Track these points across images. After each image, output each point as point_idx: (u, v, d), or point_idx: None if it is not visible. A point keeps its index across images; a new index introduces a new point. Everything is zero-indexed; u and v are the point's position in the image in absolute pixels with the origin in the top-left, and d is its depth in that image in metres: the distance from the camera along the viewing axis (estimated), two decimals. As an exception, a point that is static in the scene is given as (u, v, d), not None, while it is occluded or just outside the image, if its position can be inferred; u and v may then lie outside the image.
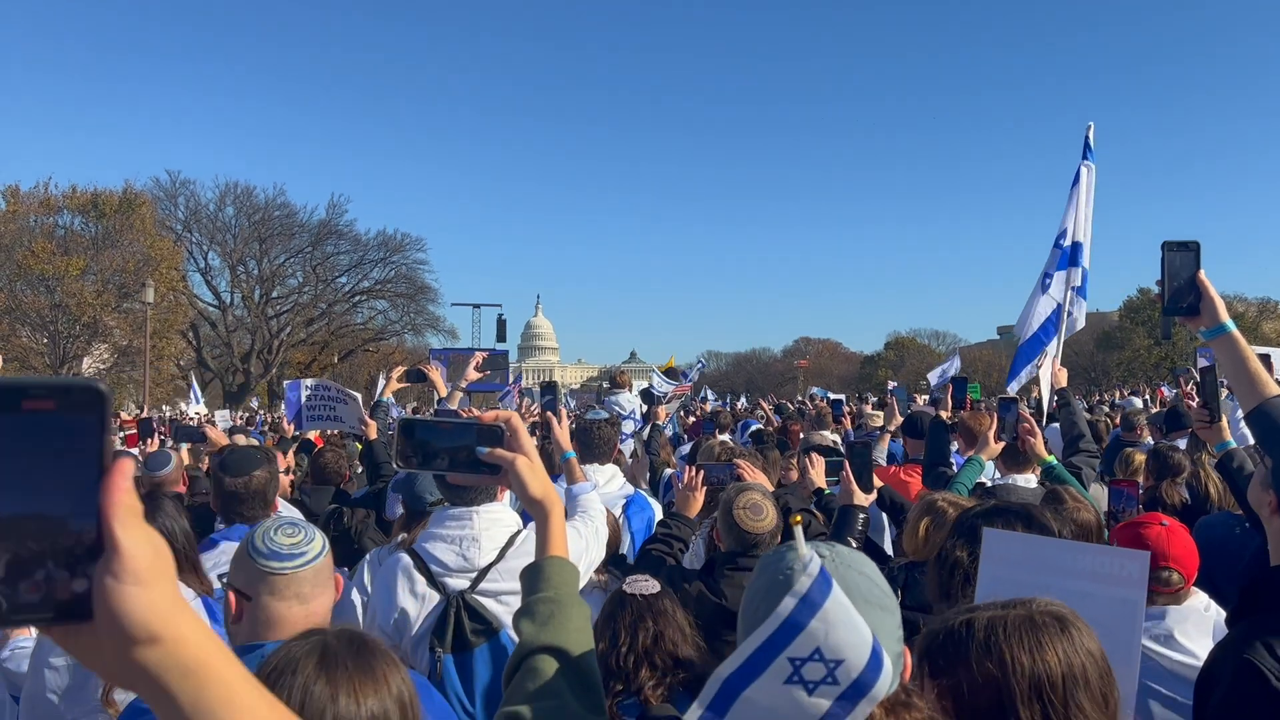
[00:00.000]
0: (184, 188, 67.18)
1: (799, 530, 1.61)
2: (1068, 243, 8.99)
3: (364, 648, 1.80)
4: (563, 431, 4.78)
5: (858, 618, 1.51)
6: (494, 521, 3.82)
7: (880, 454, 9.34)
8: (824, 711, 1.50)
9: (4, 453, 0.87)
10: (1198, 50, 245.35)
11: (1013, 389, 8.99)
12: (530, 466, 1.96)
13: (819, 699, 1.49)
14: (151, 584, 0.91)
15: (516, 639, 1.89)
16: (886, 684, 1.53)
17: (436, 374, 8.71)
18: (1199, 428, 4.72)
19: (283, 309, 70.94)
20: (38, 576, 0.87)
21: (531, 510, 2.00)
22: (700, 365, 14.68)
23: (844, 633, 1.49)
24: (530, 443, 1.99)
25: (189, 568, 3.38)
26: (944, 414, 7.49)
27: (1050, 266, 9.10)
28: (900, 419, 9.86)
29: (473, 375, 7.71)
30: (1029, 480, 5.63)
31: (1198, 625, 3.44)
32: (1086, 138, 9.21)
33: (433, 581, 3.68)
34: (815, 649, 1.47)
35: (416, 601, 3.66)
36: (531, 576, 1.95)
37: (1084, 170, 9.07)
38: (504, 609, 3.64)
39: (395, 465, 2.02)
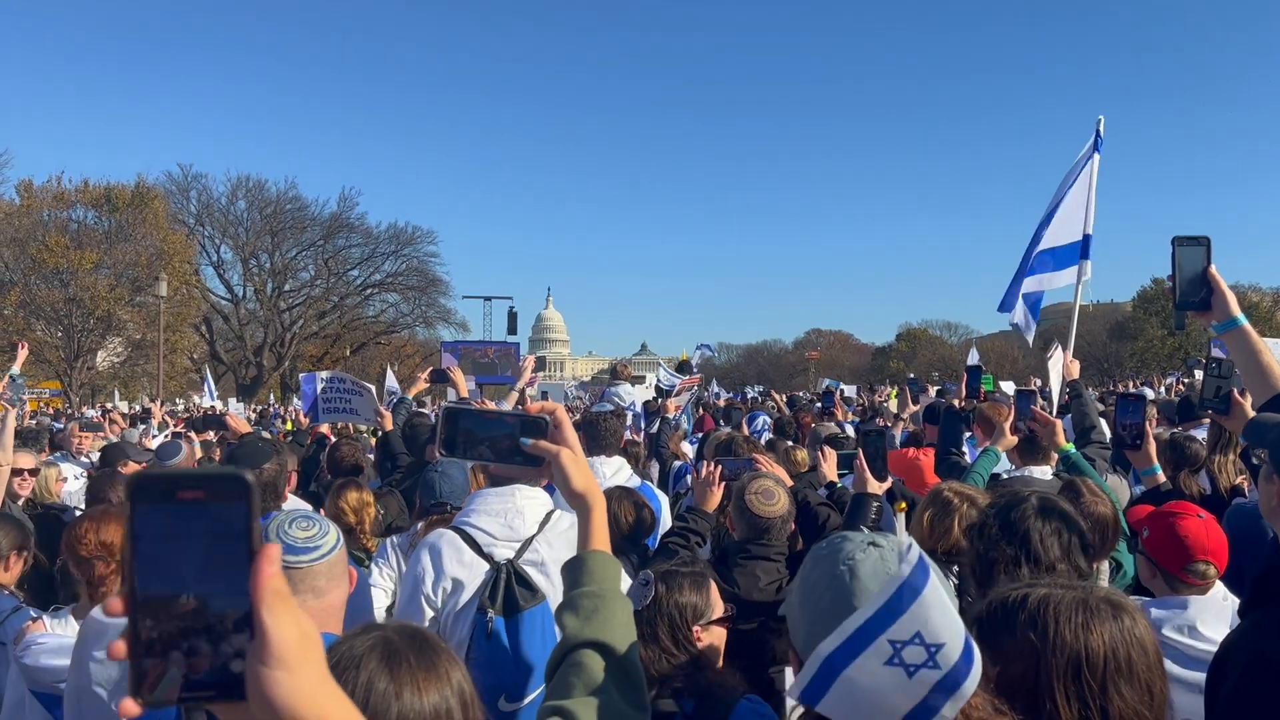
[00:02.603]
0: (196, 181, 67.45)
1: (901, 518, 1.62)
2: (1078, 236, 9.01)
3: (425, 643, 1.79)
4: None
5: (951, 606, 1.52)
6: (532, 499, 3.96)
7: (892, 443, 9.39)
8: (924, 696, 1.50)
9: (165, 539, 0.94)
10: (1211, 40, 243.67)
11: (1013, 319, 9.22)
12: (574, 459, 1.95)
13: (919, 683, 1.49)
14: (296, 669, 0.96)
15: (560, 632, 1.89)
16: (978, 677, 1.53)
17: (459, 375, 8.96)
18: (1219, 418, 4.72)
19: (295, 302, 71.13)
20: (202, 656, 0.95)
21: (573, 503, 1.99)
22: (707, 351, 14.63)
23: (942, 618, 1.49)
24: (574, 436, 1.98)
25: None
26: (957, 402, 7.47)
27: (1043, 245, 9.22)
28: (914, 407, 9.90)
29: (529, 370, 8.15)
30: (1045, 472, 5.62)
31: (1218, 614, 3.44)
32: (1097, 130, 9.18)
33: (480, 552, 3.82)
34: (916, 633, 1.48)
35: (466, 570, 3.79)
36: (574, 570, 1.94)
37: (1094, 161, 9.07)
38: (545, 578, 3.79)
39: (439, 452, 2.02)
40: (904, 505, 4.88)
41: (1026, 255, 9.49)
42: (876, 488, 5.06)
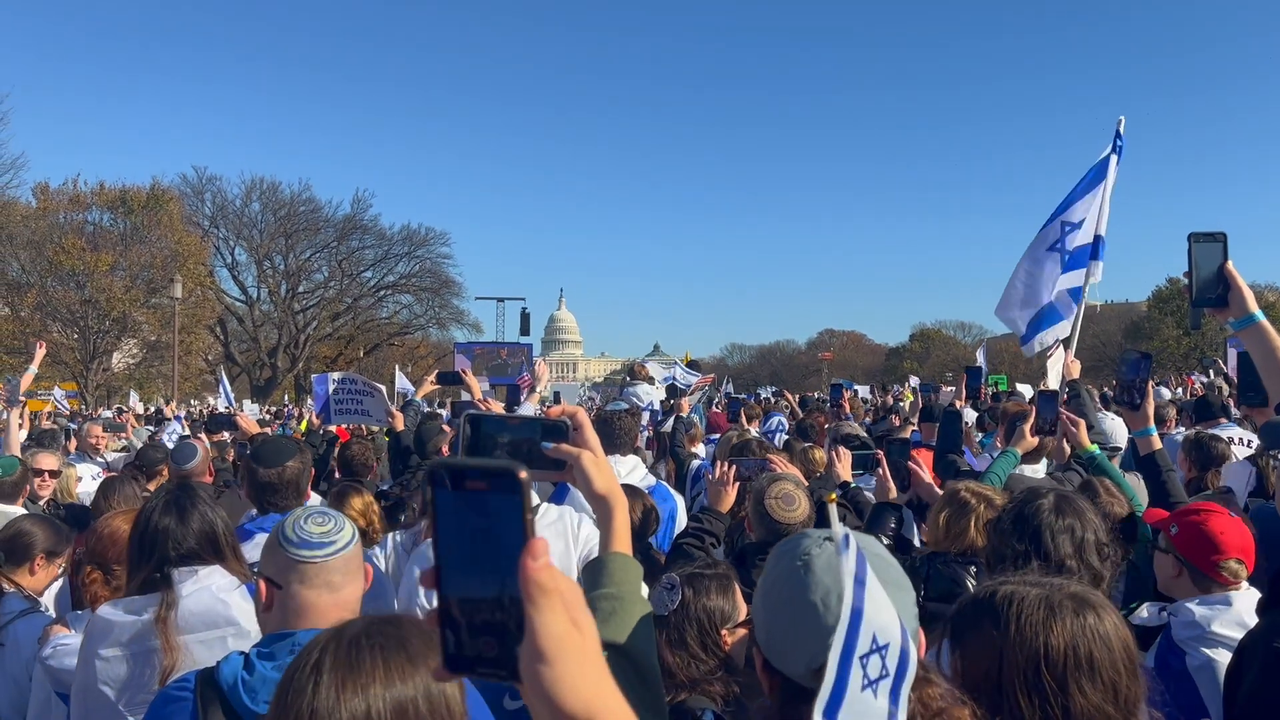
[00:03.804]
0: (210, 184, 67.80)
1: (833, 509, 1.61)
2: (1089, 236, 8.96)
3: (381, 641, 1.77)
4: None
5: (885, 594, 1.52)
6: None
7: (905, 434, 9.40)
8: (886, 710, 1.48)
9: (457, 525, 1.01)
10: (1226, 37, 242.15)
11: (1030, 351, 9.07)
12: (596, 462, 1.93)
13: (882, 698, 1.47)
14: (557, 662, 0.97)
15: None
16: (916, 662, 1.54)
17: (472, 378, 8.97)
18: (1256, 411, 4.69)
19: (309, 304, 71.45)
20: (492, 636, 1.00)
21: (596, 506, 1.98)
22: (681, 373, 14.65)
23: (884, 612, 1.49)
24: (595, 438, 1.96)
25: (231, 555, 3.41)
26: (958, 403, 7.44)
27: (1060, 243, 9.09)
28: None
29: (543, 373, 8.15)
30: (1037, 470, 5.61)
31: (1249, 610, 3.40)
32: (1118, 130, 9.14)
33: None
34: (873, 637, 1.46)
35: None
36: (594, 572, 1.93)
37: (1113, 162, 9.02)
38: None
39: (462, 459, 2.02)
40: (833, 496, 4.88)
41: (1035, 275, 9.29)
42: (898, 498, 5.01)
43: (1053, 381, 8.23)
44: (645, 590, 2.36)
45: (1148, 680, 2.00)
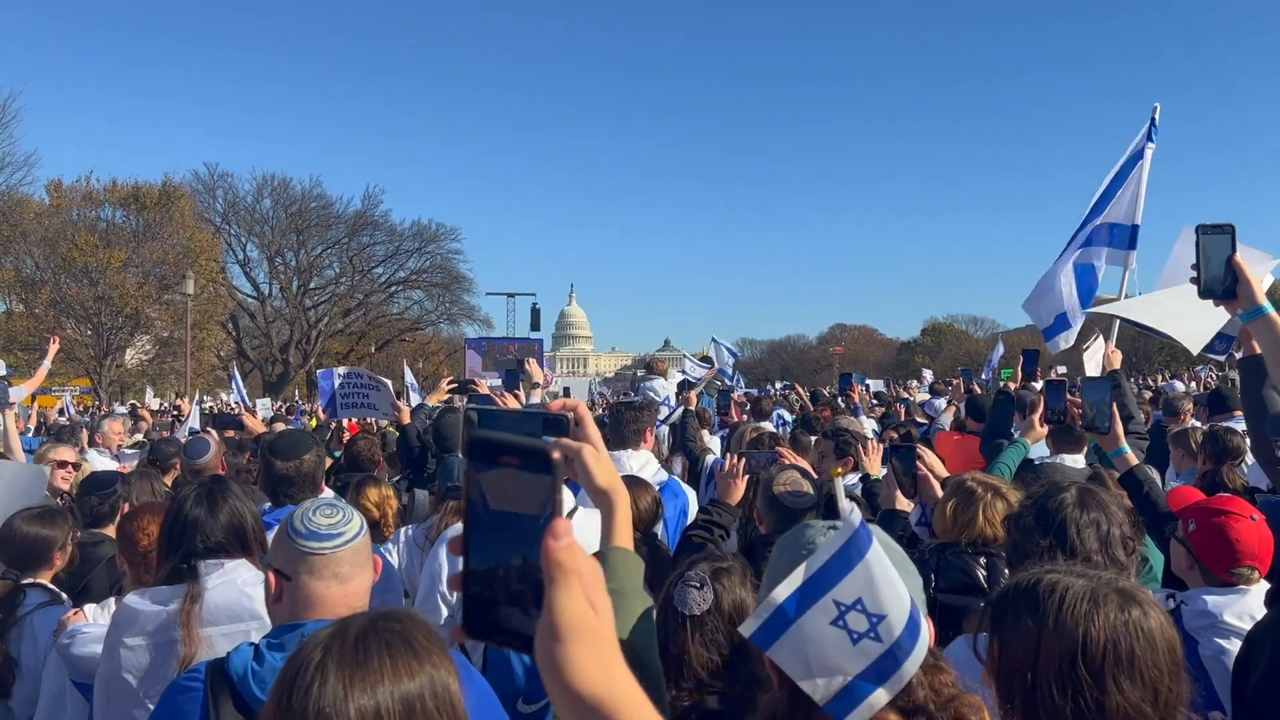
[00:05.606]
0: (222, 180, 68.10)
1: (839, 482, 1.63)
2: (1128, 223, 8.97)
3: (382, 639, 1.76)
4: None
5: (897, 577, 1.52)
6: None
7: (945, 421, 9.44)
8: (869, 664, 1.52)
9: (490, 498, 1.02)
10: (1233, 34, 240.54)
11: (1054, 349, 9.07)
12: (596, 456, 1.94)
13: (862, 653, 1.51)
14: (570, 643, 0.98)
15: None
16: (924, 650, 1.56)
17: (485, 387, 8.97)
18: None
19: (320, 300, 71.73)
20: (512, 608, 1.02)
21: (597, 500, 1.98)
22: (731, 352, 14.91)
23: (885, 588, 1.52)
24: (596, 432, 1.98)
25: (258, 550, 3.42)
26: (1012, 385, 7.45)
27: (1091, 240, 9.09)
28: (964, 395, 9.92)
29: (536, 373, 8.10)
30: (1077, 460, 5.58)
31: (1261, 601, 3.39)
32: (1152, 118, 9.16)
33: None
34: (858, 598, 1.50)
35: None
36: None
37: (1148, 151, 9.05)
38: None
39: (460, 455, 2.02)
40: (838, 470, 4.83)
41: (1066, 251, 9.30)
42: (905, 505, 5.00)
43: (1092, 371, 8.22)
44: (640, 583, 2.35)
45: (1191, 684, 1.93)
